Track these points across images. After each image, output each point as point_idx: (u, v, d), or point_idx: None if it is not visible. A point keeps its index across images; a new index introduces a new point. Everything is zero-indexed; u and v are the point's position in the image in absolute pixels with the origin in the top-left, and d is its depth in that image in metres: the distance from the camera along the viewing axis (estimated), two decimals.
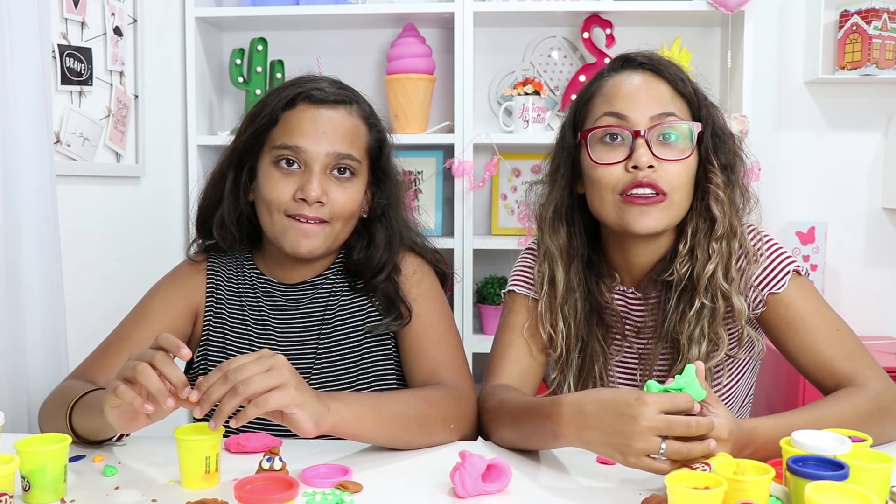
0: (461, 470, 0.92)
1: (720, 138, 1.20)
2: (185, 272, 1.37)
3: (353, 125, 1.25)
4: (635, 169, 1.13)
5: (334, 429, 1.00)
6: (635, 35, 2.50)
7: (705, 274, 1.15)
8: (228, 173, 1.30)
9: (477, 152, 2.42)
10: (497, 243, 2.43)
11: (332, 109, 1.24)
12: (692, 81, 1.21)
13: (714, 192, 1.17)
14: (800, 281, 1.18)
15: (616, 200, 1.15)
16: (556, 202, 1.25)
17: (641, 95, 1.15)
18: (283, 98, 1.24)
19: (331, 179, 1.22)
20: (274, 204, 1.22)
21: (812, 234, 2.40)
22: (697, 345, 1.16)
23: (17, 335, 1.57)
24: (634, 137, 1.14)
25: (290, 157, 1.22)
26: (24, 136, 1.57)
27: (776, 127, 2.55)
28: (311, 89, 1.24)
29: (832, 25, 2.45)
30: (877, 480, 0.85)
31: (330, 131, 1.22)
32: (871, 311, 2.57)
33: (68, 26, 1.92)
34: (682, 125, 1.15)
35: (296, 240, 1.22)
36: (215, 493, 0.94)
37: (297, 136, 1.22)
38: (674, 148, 1.15)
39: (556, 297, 1.24)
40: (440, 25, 2.51)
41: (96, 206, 2.06)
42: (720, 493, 0.80)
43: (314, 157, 1.21)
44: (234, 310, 1.32)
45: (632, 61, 1.20)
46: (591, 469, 1.03)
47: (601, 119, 1.17)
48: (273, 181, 1.23)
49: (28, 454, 0.91)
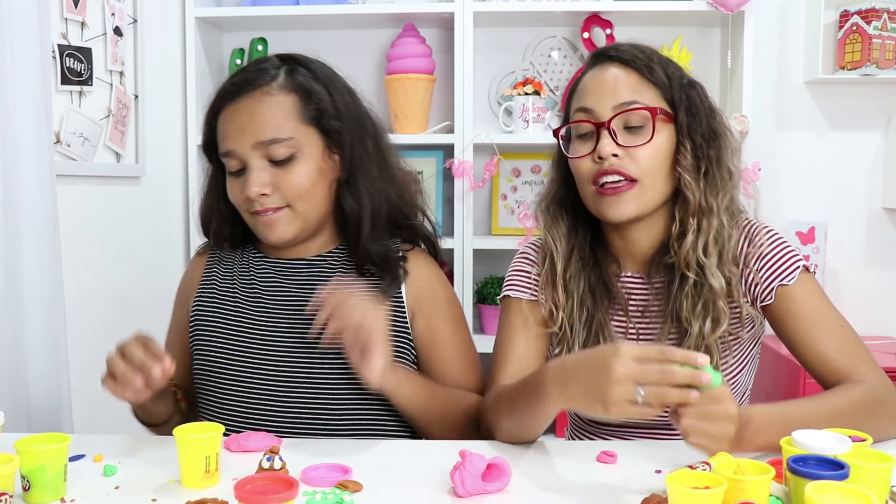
0: (461, 469, 0.92)
1: (696, 117, 1.20)
2: (191, 265, 1.41)
3: (273, 103, 1.21)
4: (601, 159, 1.17)
5: (392, 390, 1.17)
6: (635, 35, 2.45)
7: (683, 248, 1.18)
8: (213, 186, 1.34)
9: (477, 152, 2.42)
10: (497, 243, 2.43)
11: (247, 99, 1.22)
12: (666, 64, 1.22)
13: (683, 177, 1.19)
14: (808, 277, 1.20)
15: (592, 191, 1.20)
16: (556, 195, 1.29)
17: (607, 87, 1.19)
18: (210, 108, 1.27)
19: (273, 167, 1.21)
20: (240, 209, 1.27)
21: (812, 234, 2.40)
22: (699, 321, 1.18)
23: (17, 335, 1.57)
24: (598, 129, 1.18)
25: (231, 161, 1.23)
26: (24, 136, 1.57)
27: (776, 127, 2.55)
28: (228, 86, 1.24)
29: (832, 25, 2.45)
30: (877, 480, 0.85)
31: (248, 123, 1.21)
32: (871, 311, 2.57)
33: (68, 26, 1.92)
34: (643, 112, 1.17)
35: (263, 232, 1.25)
36: (215, 492, 0.94)
37: (226, 139, 1.23)
38: (638, 134, 1.18)
39: (557, 270, 1.26)
40: (440, 25, 2.51)
41: (96, 206, 2.06)
42: (720, 493, 0.80)
43: (245, 155, 1.21)
44: (225, 287, 1.32)
45: (602, 55, 1.23)
46: (590, 469, 1.03)
47: (573, 115, 1.23)
48: (231, 189, 1.26)
49: (28, 454, 0.91)
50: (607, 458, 1.05)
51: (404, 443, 1.17)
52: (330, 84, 1.27)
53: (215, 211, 1.34)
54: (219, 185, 1.31)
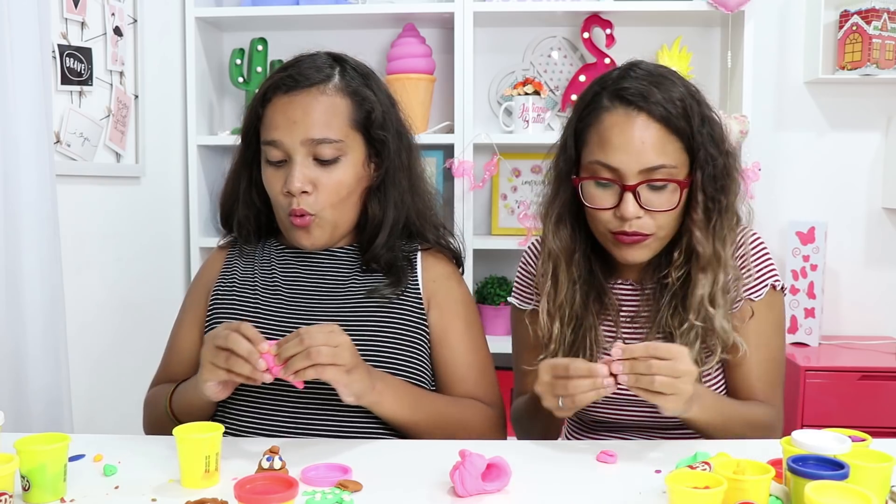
0: (461, 469, 0.92)
1: (712, 165, 1.20)
2: (210, 260, 1.40)
3: (329, 104, 1.23)
4: (622, 218, 1.18)
5: (372, 405, 1.15)
6: (635, 35, 2.50)
7: (694, 298, 1.21)
8: (243, 171, 1.32)
9: (477, 152, 2.42)
10: (497, 243, 2.43)
11: (303, 94, 1.22)
12: (687, 103, 1.19)
13: (694, 233, 1.21)
14: (773, 297, 1.27)
15: (606, 234, 1.22)
16: (560, 205, 1.28)
17: (633, 147, 1.16)
18: (259, 94, 1.27)
19: (316, 166, 1.22)
20: (274, 202, 1.27)
21: (812, 234, 2.40)
22: (692, 347, 1.20)
23: (17, 335, 1.57)
24: (623, 191, 1.17)
25: (274, 151, 1.23)
26: (24, 136, 1.57)
27: (776, 127, 2.55)
28: (283, 78, 1.24)
29: (832, 25, 2.45)
30: (877, 480, 0.85)
31: (301, 118, 1.21)
32: (871, 311, 2.57)
33: (68, 26, 1.92)
34: (670, 184, 1.18)
35: (296, 239, 1.27)
36: (215, 492, 0.94)
37: (274, 129, 1.23)
38: (662, 196, 1.19)
39: (558, 295, 1.28)
40: (440, 25, 2.51)
41: (96, 206, 2.06)
42: (720, 493, 0.80)
43: (291, 149, 1.22)
44: (246, 280, 1.32)
45: (626, 100, 1.18)
46: (590, 469, 1.03)
47: (593, 166, 1.20)
48: (267, 178, 1.26)
49: (28, 453, 0.91)
50: (607, 458, 1.05)
51: (404, 443, 1.17)
52: (378, 91, 1.29)
53: (243, 199, 1.33)
54: (249, 172, 1.31)
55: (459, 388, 1.27)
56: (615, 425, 1.31)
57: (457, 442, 1.13)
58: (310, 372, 1.05)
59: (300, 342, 1.05)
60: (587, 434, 1.36)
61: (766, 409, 1.25)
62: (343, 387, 1.08)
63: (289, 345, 1.05)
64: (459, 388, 1.27)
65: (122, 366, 2.11)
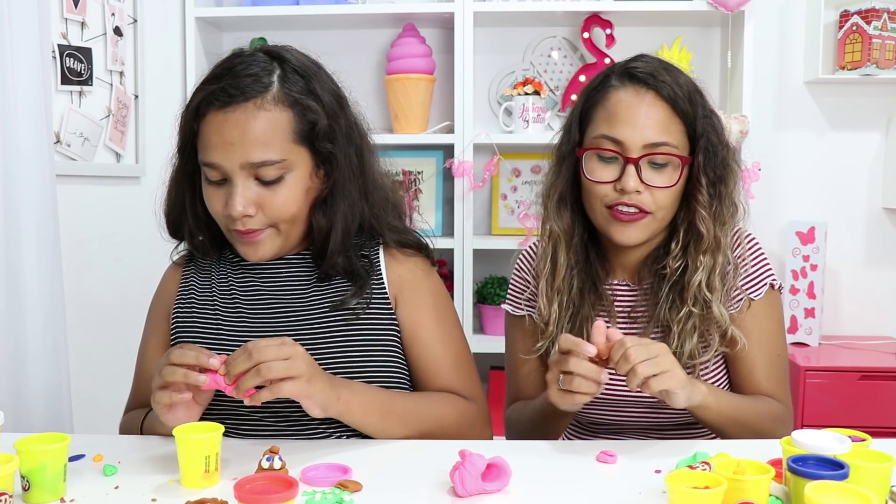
0: (461, 469, 0.92)
1: (713, 152, 1.23)
2: (166, 278, 1.36)
3: (268, 120, 1.13)
4: (622, 191, 1.19)
5: (340, 416, 1.09)
6: (635, 35, 2.50)
7: (692, 284, 1.23)
8: (185, 183, 1.25)
9: (477, 152, 2.42)
10: (497, 243, 2.43)
11: (238, 110, 1.12)
12: (692, 90, 1.23)
13: (699, 211, 1.23)
14: (772, 296, 1.28)
15: (603, 211, 1.23)
16: (562, 189, 1.30)
17: (638, 121, 1.20)
18: (191, 106, 1.17)
19: (259, 186, 1.15)
20: (217, 220, 1.20)
21: (812, 234, 2.40)
22: (689, 338, 1.22)
23: (17, 335, 1.57)
24: (626, 163, 1.19)
25: (213, 173, 1.15)
26: (24, 136, 1.57)
27: (776, 127, 2.55)
28: (216, 92, 1.13)
29: (832, 25, 2.45)
30: (877, 480, 0.85)
31: (238, 139, 1.12)
32: (871, 311, 2.57)
33: (68, 26, 1.92)
34: (673, 159, 1.20)
35: (244, 251, 1.20)
36: (215, 492, 0.94)
37: (211, 150, 1.14)
38: (663, 174, 1.21)
39: (556, 278, 1.29)
40: (440, 25, 2.51)
41: (96, 206, 2.06)
42: (720, 493, 0.80)
43: (230, 171, 1.13)
44: (204, 298, 1.27)
45: (635, 77, 1.22)
46: (590, 469, 1.03)
47: (598, 140, 1.22)
48: (208, 196, 1.18)
49: (28, 453, 0.91)
50: (607, 458, 1.05)
51: (404, 443, 1.17)
52: (323, 94, 1.19)
53: (189, 212, 1.26)
54: (192, 184, 1.23)
55: (435, 383, 1.23)
56: (614, 427, 1.32)
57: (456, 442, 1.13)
58: (265, 393, 1.00)
59: (248, 357, 1.00)
60: (586, 437, 1.36)
61: (776, 405, 1.25)
62: (306, 399, 1.03)
63: (237, 361, 1.00)
64: (435, 383, 1.23)
65: (122, 366, 2.10)
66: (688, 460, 0.98)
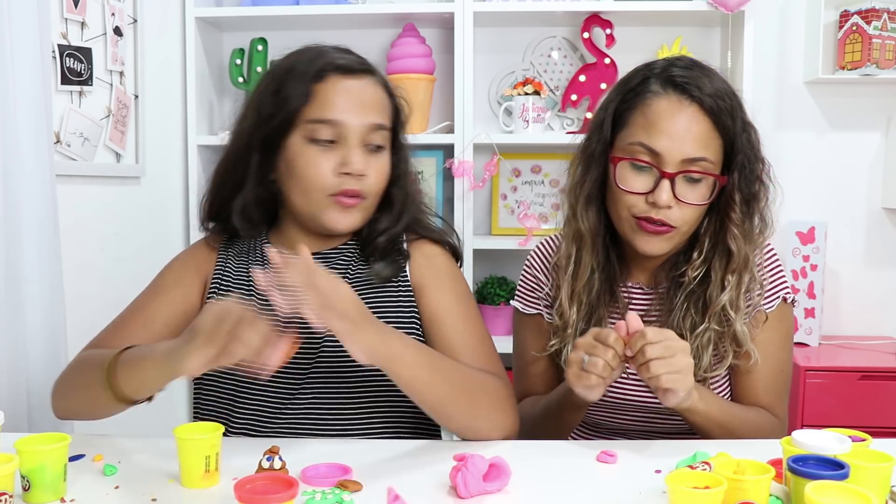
0: (463, 470, 0.92)
1: (750, 168, 1.22)
2: (199, 248, 1.34)
3: (381, 94, 1.24)
4: (654, 205, 1.16)
5: (386, 363, 1.04)
6: (635, 35, 2.50)
7: (717, 303, 1.21)
8: (252, 155, 1.23)
9: (477, 152, 2.42)
10: (497, 243, 2.43)
11: (359, 79, 1.21)
12: (734, 103, 1.21)
13: (731, 229, 1.21)
14: (783, 310, 1.27)
15: (630, 220, 1.20)
16: (590, 190, 1.26)
17: (678, 135, 1.16)
18: (310, 72, 1.20)
19: (366, 152, 1.20)
20: (313, 183, 1.18)
21: (812, 234, 2.40)
22: (705, 351, 1.21)
23: (17, 335, 1.57)
24: (661, 176, 1.16)
25: (326, 131, 1.18)
26: (24, 136, 1.57)
27: (776, 127, 2.55)
28: (336, 59, 1.21)
29: (832, 25, 2.45)
30: (877, 480, 0.85)
31: (363, 102, 1.20)
32: (871, 311, 2.57)
33: (68, 26, 1.92)
34: (709, 177, 1.18)
35: (335, 218, 1.20)
36: (215, 492, 0.94)
37: (331, 109, 1.18)
38: (696, 190, 1.18)
39: (579, 281, 1.27)
40: (440, 25, 2.51)
41: (96, 206, 2.06)
42: (720, 493, 0.80)
43: (352, 131, 1.18)
44: (241, 284, 1.27)
45: (676, 85, 1.18)
46: (590, 469, 1.03)
47: (634, 147, 1.19)
48: (309, 158, 1.18)
49: (28, 453, 0.91)
50: (607, 458, 1.05)
51: (404, 443, 1.17)
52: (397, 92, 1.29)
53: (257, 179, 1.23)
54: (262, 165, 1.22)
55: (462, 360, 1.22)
56: (616, 430, 1.32)
57: (458, 441, 1.13)
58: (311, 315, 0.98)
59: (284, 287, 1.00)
60: (591, 438, 1.36)
61: (770, 418, 1.25)
62: (342, 336, 1.01)
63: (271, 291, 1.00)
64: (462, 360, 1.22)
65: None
66: (688, 460, 0.98)
